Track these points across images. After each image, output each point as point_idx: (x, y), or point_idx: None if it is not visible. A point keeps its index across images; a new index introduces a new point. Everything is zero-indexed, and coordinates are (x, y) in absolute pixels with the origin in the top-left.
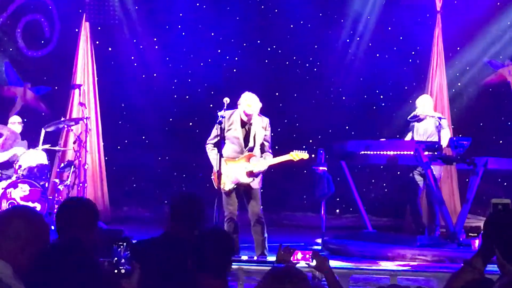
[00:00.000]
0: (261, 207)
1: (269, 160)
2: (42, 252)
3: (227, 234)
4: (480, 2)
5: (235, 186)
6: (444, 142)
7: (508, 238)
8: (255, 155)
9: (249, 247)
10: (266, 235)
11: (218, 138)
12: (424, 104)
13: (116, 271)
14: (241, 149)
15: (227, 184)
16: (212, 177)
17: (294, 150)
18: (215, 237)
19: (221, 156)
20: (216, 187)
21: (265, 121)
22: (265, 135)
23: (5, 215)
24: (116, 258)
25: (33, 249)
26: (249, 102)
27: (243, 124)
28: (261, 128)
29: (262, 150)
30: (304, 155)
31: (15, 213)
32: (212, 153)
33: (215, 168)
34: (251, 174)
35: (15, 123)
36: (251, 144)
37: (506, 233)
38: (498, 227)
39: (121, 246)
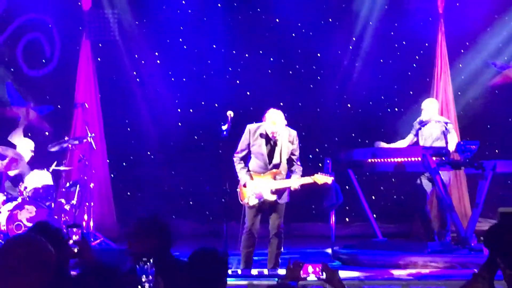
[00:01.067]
0: (282, 221)
1: (293, 181)
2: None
3: (221, 256)
4: (483, 4)
5: (260, 201)
6: (452, 147)
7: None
8: (281, 172)
9: (260, 260)
10: (281, 249)
11: (246, 151)
12: (429, 108)
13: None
14: (265, 165)
15: (251, 199)
16: (238, 190)
17: (319, 173)
18: (206, 262)
19: (249, 170)
20: (240, 201)
21: (293, 134)
22: (292, 149)
23: (7, 246)
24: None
25: (38, 278)
26: (274, 119)
27: (268, 139)
28: (288, 142)
29: (290, 164)
30: (328, 179)
31: (15, 242)
32: (238, 166)
33: (241, 182)
34: (275, 191)
35: (26, 149)
36: (276, 160)
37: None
38: (499, 236)
39: (147, 264)
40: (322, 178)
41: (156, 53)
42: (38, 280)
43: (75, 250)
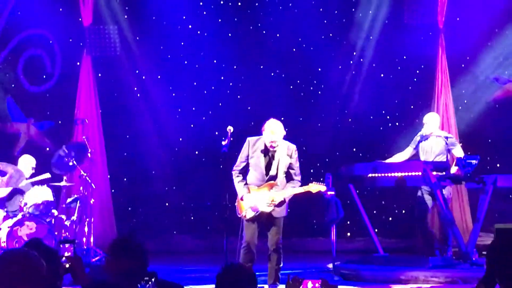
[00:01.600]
0: (281, 236)
1: (288, 191)
2: None
3: (251, 273)
4: (483, 19)
5: (256, 214)
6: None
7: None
8: (278, 184)
9: (260, 276)
10: (281, 264)
11: (245, 164)
12: (431, 122)
13: None
14: (262, 177)
15: (248, 212)
16: (235, 204)
17: (313, 182)
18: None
19: (247, 184)
20: (238, 214)
21: (291, 148)
22: (290, 163)
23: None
24: None
25: None
26: (272, 129)
27: (266, 151)
28: (286, 155)
29: (289, 178)
30: (322, 187)
31: (8, 257)
32: (236, 179)
33: (239, 195)
34: (271, 203)
35: (27, 166)
36: (273, 172)
37: (507, 258)
38: (499, 252)
39: (149, 283)
40: (315, 187)
41: (157, 69)
42: None
43: (67, 266)
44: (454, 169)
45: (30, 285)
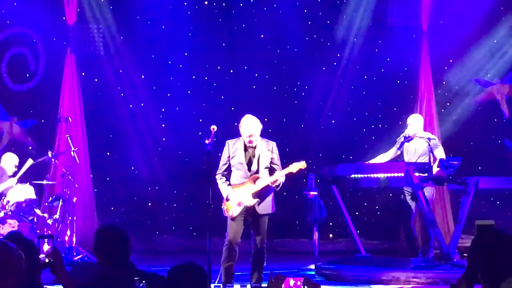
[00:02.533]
0: (266, 236)
1: (268, 178)
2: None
3: (200, 269)
4: (467, 22)
5: (242, 210)
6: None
7: (489, 260)
8: (260, 177)
9: (243, 275)
10: (264, 264)
11: (227, 166)
12: (414, 123)
13: None
14: (245, 173)
15: (235, 209)
16: (222, 207)
17: (293, 163)
18: (188, 273)
19: (230, 184)
20: (225, 214)
21: (271, 143)
22: (272, 158)
23: None
24: None
25: (8, 282)
26: (248, 123)
27: (246, 148)
28: (266, 150)
29: (272, 174)
30: (301, 164)
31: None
32: (220, 182)
33: (224, 196)
34: (256, 195)
35: (9, 163)
36: (254, 167)
37: (487, 255)
38: (480, 249)
39: (142, 282)
40: (295, 166)
41: (141, 69)
42: (8, 283)
43: (46, 260)
44: (435, 169)
45: (8, 275)
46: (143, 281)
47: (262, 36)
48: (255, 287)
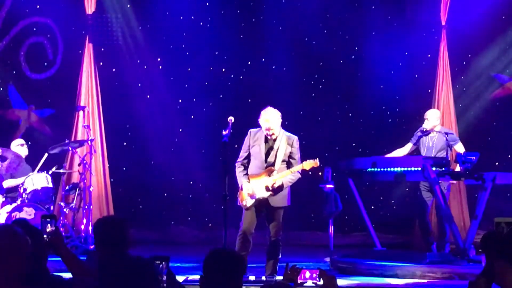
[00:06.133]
0: (281, 229)
1: (286, 171)
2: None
3: (239, 257)
4: (486, 16)
5: (255, 201)
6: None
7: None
8: (275, 169)
9: (258, 267)
10: (279, 256)
11: (247, 154)
12: (433, 118)
13: None
14: (262, 164)
15: (248, 200)
16: (238, 195)
17: (307, 160)
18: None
19: (247, 174)
20: (239, 204)
21: (292, 138)
22: (290, 152)
23: None
24: None
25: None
26: (267, 116)
27: (266, 139)
28: (286, 144)
29: (289, 168)
30: (315, 162)
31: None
32: (238, 170)
33: (239, 185)
34: (269, 188)
35: (18, 146)
36: (271, 159)
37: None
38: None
39: (162, 264)
40: (308, 163)
41: (159, 59)
42: (14, 267)
43: (47, 239)
44: (457, 168)
45: (14, 260)
46: (163, 262)
47: (280, 28)
48: (270, 279)
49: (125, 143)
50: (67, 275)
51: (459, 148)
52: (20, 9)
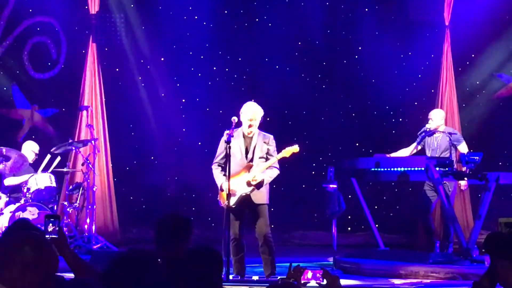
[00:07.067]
0: (269, 226)
1: (264, 163)
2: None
3: (215, 253)
4: (489, 16)
5: (238, 199)
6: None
7: None
8: (254, 164)
9: (257, 267)
10: (273, 255)
11: (223, 155)
12: (437, 118)
13: None
14: (241, 161)
15: (230, 199)
16: (218, 198)
17: (286, 148)
18: (202, 256)
19: (226, 174)
20: (222, 205)
21: (268, 136)
22: (268, 149)
23: (17, 241)
24: None
25: (36, 278)
26: (248, 109)
27: (244, 136)
28: (263, 142)
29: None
30: (294, 148)
31: (27, 240)
32: (216, 171)
33: (218, 186)
34: (250, 183)
35: (29, 151)
36: (249, 155)
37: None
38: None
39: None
40: (288, 151)
41: (162, 59)
42: (34, 277)
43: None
44: (463, 169)
45: (41, 271)
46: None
47: (283, 28)
48: (273, 278)
49: (128, 143)
50: (70, 275)
51: (463, 148)
52: (24, 9)
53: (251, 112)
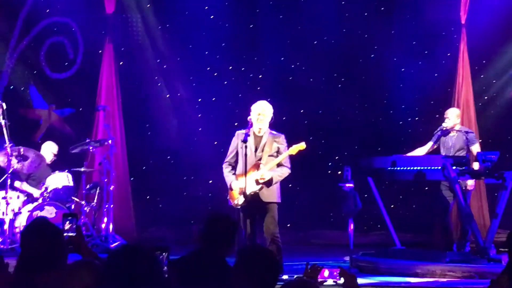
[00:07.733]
0: (277, 225)
1: (272, 162)
2: None
3: (270, 252)
4: (505, 14)
5: (247, 198)
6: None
7: None
8: (262, 163)
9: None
10: (281, 256)
11: (234, 154)
12: (453, 117)
13: None
14: (251, 160)
15: (239, 198)
16: (228, 197)
17: (293, 145)
18: (258, 255)
19: (235, 173)
20: (231, 204)
21: (279, 135)
22: (278, 148)
23: (77, 265)
24: None
25: None
26: (258, 105)
27: (255, 135)
28: (273, 141)
29: (279, 165)
30: (301, 146)
31: (86, 266)
32: (225, 171)
33: (228, 184)
34: (258, 181)
35: (49, 152)
36: (259, 153)
37: None
38: None
39: (162, 255)
40: (295, 149)
41: (178, 59)
42: None
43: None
44: (476, 166)
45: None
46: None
47: (299, 27)
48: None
49: (144, 142)
50: None
51: (476, 149)
52: (41, 9)
53: (260, 107)
